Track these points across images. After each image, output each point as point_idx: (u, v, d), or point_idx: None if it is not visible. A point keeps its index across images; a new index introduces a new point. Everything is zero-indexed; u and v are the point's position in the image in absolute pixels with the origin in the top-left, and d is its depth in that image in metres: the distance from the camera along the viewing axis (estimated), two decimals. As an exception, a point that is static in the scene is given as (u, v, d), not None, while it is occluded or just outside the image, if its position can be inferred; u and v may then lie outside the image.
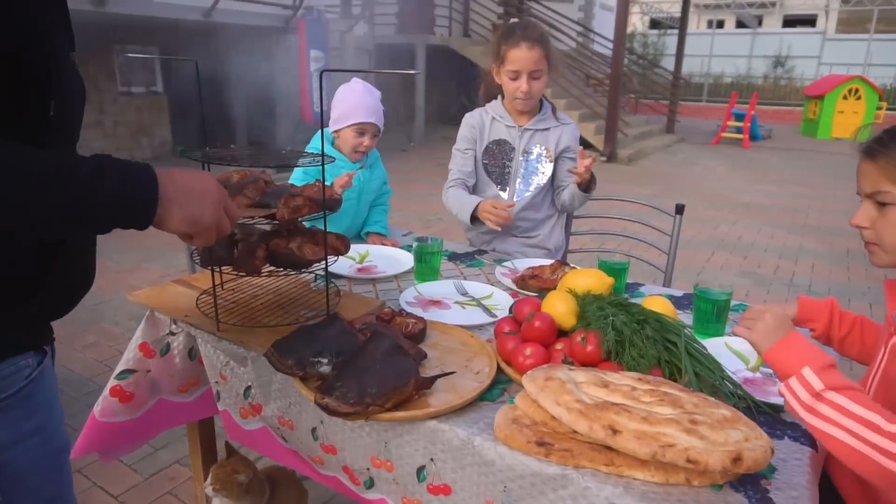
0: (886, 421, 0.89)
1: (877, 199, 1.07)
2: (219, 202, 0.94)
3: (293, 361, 1.19)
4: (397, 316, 1.40)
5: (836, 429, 0.92)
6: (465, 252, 2.11)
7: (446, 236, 2.05)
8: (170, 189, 0.86)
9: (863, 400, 0.93)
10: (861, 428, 0.90)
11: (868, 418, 0.90)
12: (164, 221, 0.87)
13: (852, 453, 0.90)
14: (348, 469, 1.25)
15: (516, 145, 2.18)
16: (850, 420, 0.91)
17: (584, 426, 0.98)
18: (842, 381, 0.96)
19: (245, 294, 1.60)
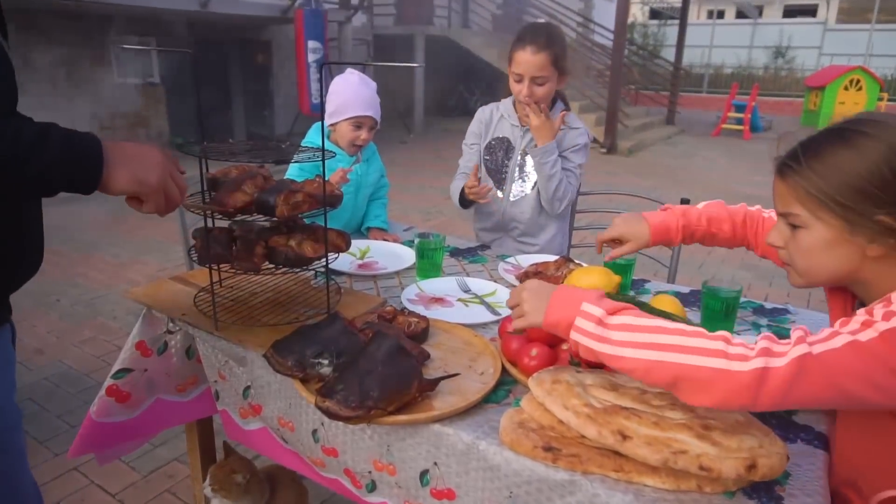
0: (675, 325, 0.91)
1: (788, 220, 1.00)
2: (164, 166, 1.02)
3: (293, 362, 1.16)
4: (399, 315, 1.38)
5: (633, 349, 0.90)
6: (468, 247, 2.08)
7: (447, 229, 2.03)
8: (114, 152, 0.95)
9: (641, 314, 0.95)
10: (658, 337, 0.90)
11: (658, 325, 0.91)
12: (110, 181, 0.95)
13: (661, 367, 0.88)
14: (350, 472, 1.22)
15: (517, 145, 2.14)
16: (645, 334, 0.91)
17: (592, 431, 0.95)
18: (618, 304, 0.97)
19: (244, 291, 1.57)
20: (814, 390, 0.83)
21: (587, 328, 0.95)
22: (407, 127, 11.01)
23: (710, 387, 0.86)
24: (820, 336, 0.86)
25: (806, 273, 1.01)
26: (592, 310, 0.95)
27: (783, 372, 0.83)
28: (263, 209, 1.29)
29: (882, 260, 0.93)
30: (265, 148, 1.55)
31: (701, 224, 1.41)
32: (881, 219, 0.89)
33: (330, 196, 1.38)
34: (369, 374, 1.06)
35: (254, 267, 1.33)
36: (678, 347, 0.88)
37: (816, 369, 0.83)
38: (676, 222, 1.39)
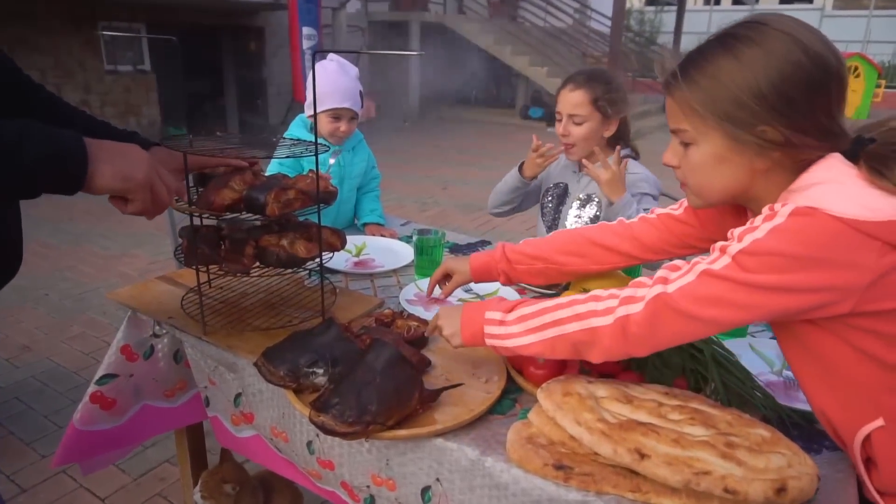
0: (568, 299, 0.97)
1: (679, 137, 0.97)
2: (150, 162, 0.98)
3: (285, 372, 1.09)
4: (398, 318, 1.31)
5: (532, 335, 0.98)
6: (468, 243, 2.01)
7: (443, 220, 1.96)
8: (98, 150, 0.91)
9: (533, 302, 1.02)
10: (548, 315, 0.96)
11: (546, 306, 0.98)
12: (94, 179, 0.91)
13: (558, 341, 0.96)
14: (347, 485, 1.16)
15: (573, 190, 2.01)
16: (537, 318, 0.98)
17: (607, 449, 0.89)
18: (514, 301, 1.05)
19: (234, 293, 1.49)
20: (675, 326, 0.87)
21: (494, 332, 1.03)
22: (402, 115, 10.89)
23: (592, 345, 0.93)
24: (680, 272, 0.88)
25: (699, 191, 0.99)
26: (493, 315, 1.04)
27: (640, 317, 0.88)
28: (253, 207, 1.21)
29: (770, 174, 0.91)
30: (255, 142, 1.47)
31: (534, 265, 1.29)
32: (763, 130, 0.86)
33: (324, 192, 1.31)
34: (367, 385, 0.99)
35: (243, 269, 1.25)
36: (566, 319, 0.95)
37: (671, 306, 0.86)
38: (496, 266, 1.32)
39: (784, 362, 1.28)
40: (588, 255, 1.25)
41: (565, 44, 12.06)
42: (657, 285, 0.88)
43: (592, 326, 0.92)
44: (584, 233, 1.28)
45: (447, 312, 1.13)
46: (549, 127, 10.65)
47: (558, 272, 1.28)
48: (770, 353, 1.32)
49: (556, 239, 1.31)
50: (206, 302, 1.42)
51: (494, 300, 1.08)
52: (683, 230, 1.17)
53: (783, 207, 0.83)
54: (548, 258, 1.28)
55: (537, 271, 1.29)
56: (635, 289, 0.91)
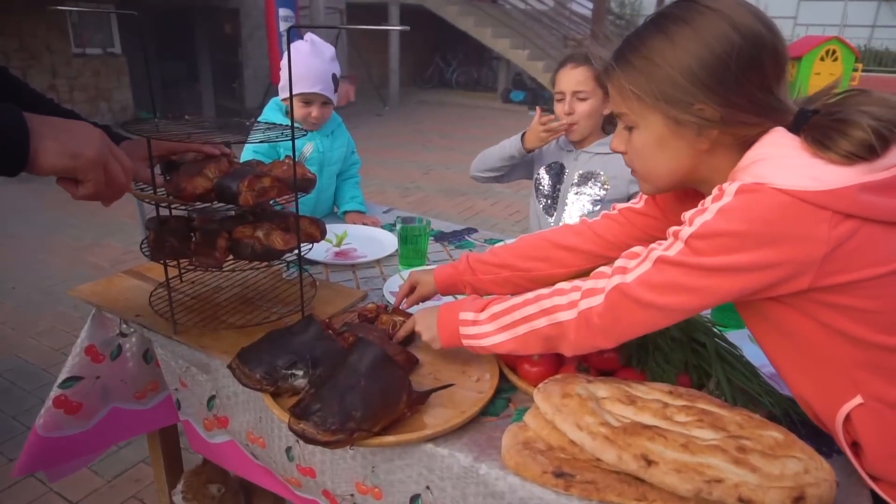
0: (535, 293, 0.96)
1: (622, 121, 0.95)
2: (101, 139, 0.88)
3: (262, 374, 1.01)
4: (382, 313, 1.23)
5: (505, 332, 0.97)
6: (453, 231, 1.93)
7: (426, 206, 1.88)
8: (40, 125, 0.82)
9: (504, 299, 1.00)
10: (518, 312, 0.95)
11: (514, 303, 0.97)
12: (38, 157, 0.82)
13: (530, 337, 0.94)
14: (329, 494, 1.09)
15: (570, 168, 1.93)
16: (507, 315, 0.97)
17: (611, 455, 0.82)
18: (488, 299, 1.03)
19: (207, 287, 1.40)
20: (636, 316, 0.85)
21: (469, 332, 1.01)
22: (382, 99, 10.72)
23: (561, 339, 0.92)
24: (638, 260, 0.87)
25: (646, 176, 0.97)
26: (466, 315, 1.02)
27: (601, 308, 0.86)
28: (225, 196, 1.13)
29: (714, 154, 0.89)
30: (227, 126, 1.37)
31: (499, 273, 1.23)
32: (700, 108, 0.84)
33: (301, 180, 1.22)
34: (351, 389, 0.92)
35: (216, 263, 1.17)
36: (534, 315, 0.94)
37: (629, 296, 0.84)
38: (461, 278, 1.26)
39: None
40: (551, 258, 1.19)
41: (546, 26, 11.93)
42: (616, 276, 0.87)
43: (559, 321, 0.91)
44: (546, 235, 1.22)
45: (424, 315, 1.10)
46: (531, 110, 10.56)
47: (524, 279, 1.21)
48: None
49: (519, 245, 1.24)
50: (177, 298, 1.33)
51: (469, 298, 1.06)
52: (646, 222, 1.12)
53: (730, 186, 0.81)
54: (512, 265, 1.21)
55: (503, 280, 1.22)
56: (596, 280, 0.89)
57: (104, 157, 0.88)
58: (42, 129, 0.82)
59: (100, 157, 0.87)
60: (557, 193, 1.95)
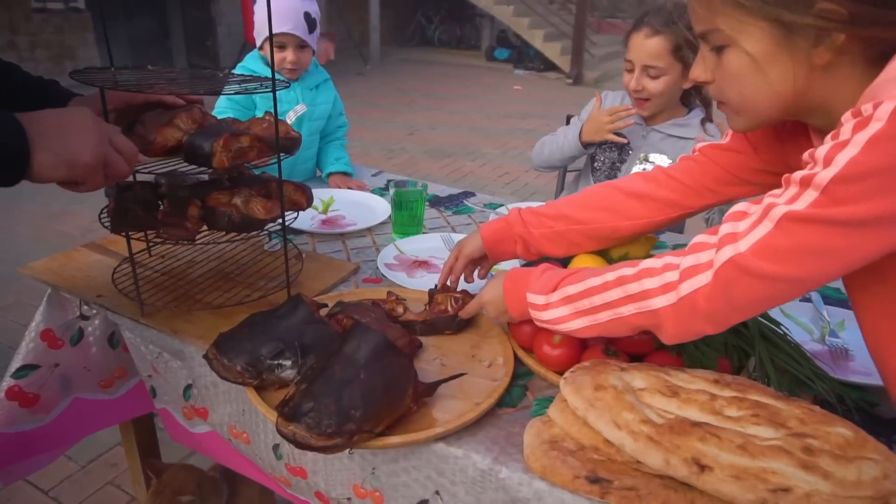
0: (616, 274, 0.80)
1: (710, 42, 0.78)
2: (98, 136, 0.82)
3: (243, 366, 0.87)
4: (436, 293, 1.08)
5: (584, 318, 0.83)
6: (449, 195, 1.78)
7: (412, 168, 1.74)
8: (37, 135, 0.77)
9: (577, 276, 0.85)
10: (598, 297, 0.81)
11: (591, 286, 0.81)
12: (35, 170, 0.78)
13: (617, 324, 0.81)
14: (322, 496, 0.97)
15: (635, 146, 1.71)
16: (585, 300, 0.82)
17: (657, 459, 0.71)
18: (555, 276, 0.88)
19: (179, 261, 1.25)
20: (755, 292, 0.68)
21: (542, 317, 0.88)
22: (363, 57, 10.36)
23: (658, 330, 0.78)
24: (750, 220, 0.68)
25: (742, 107, 0.79)
26: (536, 299, 0.88)
27: (708, 290, 0.70)
28: (196, 157, 0.97)
29: (832, 71, 0.71)
30: (198, 77, 1.20)
31: (553, 226, 1.06)
32: (822, 6, 0.66)
33: (285, 139, 1.06)
34: (348, 384, 0.79)
35: (187, 235, 1.01)
36: (619, 301, 0.79)
37: (747, 270, 0.67)
38: (512, 231, 1.08)
39: (826, 327, 1.12)
40: (616, 208, 1.03)
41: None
42: (726, 247, 0.68)
43: (652, 309, 0.75)
44: (613, 183, 1.07)
45: (490, 294, 0.98)
46: (517, 69, 10.31)
47: (581, 234, 1.05)
48: (805, 318, 1.16)
49: (579, 195, 1.09)
50: (144, 275, 1.18)
51: (535, 272, 0.91)
52: (732, 160, 0.95)
53: (878, 109, 0.60)
54: (569, 217, 1.05)
55: (556, 235, 1.06)
56: (696, 254, 0.71)
57: (101, 158, 0.83)
58: (38, 140, 0.77)
59: (96, 161, 0.82)
60: (617, 173, 1.73)
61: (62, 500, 1.77)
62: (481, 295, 0.99)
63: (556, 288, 0.86)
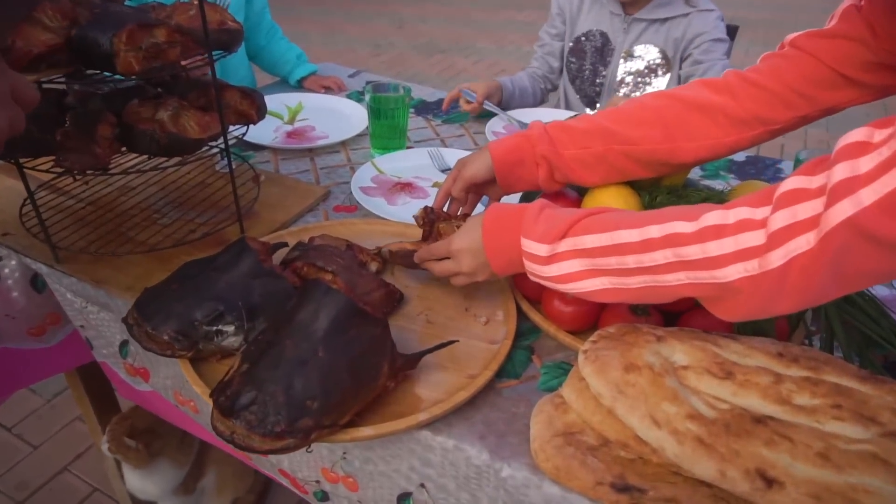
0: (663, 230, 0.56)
1: None
2: None
3: (172, 335, 0.68)
4: (439, 221, 0.83)
5: (609, 279, 0.61)
6: (439, 99, 1.53)
7: (401, 66, 1.50)
8: None
9: (597, 219, 0.63)
10: (641, 258, 0.58)
11: (629, 239, 0.58)
12: None
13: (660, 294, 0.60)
14: (287, 474, 0.81)
15: (617, 43, 1.46)
16: (622, 258, 0.59)
17: (709, 469, 0.54)
18: (563, 220, 0.64)
19: (110, 188, 1.03)
20: (878, 267, 0.47)
21: (543, 273, 0.66)
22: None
23: (721, 303, 0.56)
24: (880, 156, 0.44)
25: None
26: (535, 248, 0.65)
27: (810, 260, 0.48)
28: (92, 59, 0.73)
29: None
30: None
31: (589, 146, 0.81)
32: None
33: (217, 32, 0.82)
34: (303, 365, 0.60)
35: (95, 161, 0.79)
36: (666, 266, 0.56)
37: (871, 236, 0.44)
38: (534, 151, 0.83)
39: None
40: (677, 124, 0.79)
41: None
42: (842, 200, 0.44)
43: (720, 282, 0.53)
44: (671, 92, 0.82)
45: (461, 242, 0.73)
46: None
47: (628, 158, 0.80)
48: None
49: (625, 107, 0.83)
50: (66, 205, 0.97)
51: (531, 212, 0.67)
52: (842, 52, 0.72)
53: None
54: (613, 133, 0.80)
55: (595, 158, 0.81)
56: (791, 208, 0.48)
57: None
58: None
59: None
60: (597, 75, 1.51)
61: (26, 437, 1.65)
62: (451, 241, 0.74)
63: (566, 235, 0.64)
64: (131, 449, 1.14)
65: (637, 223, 0.58)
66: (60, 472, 1.56)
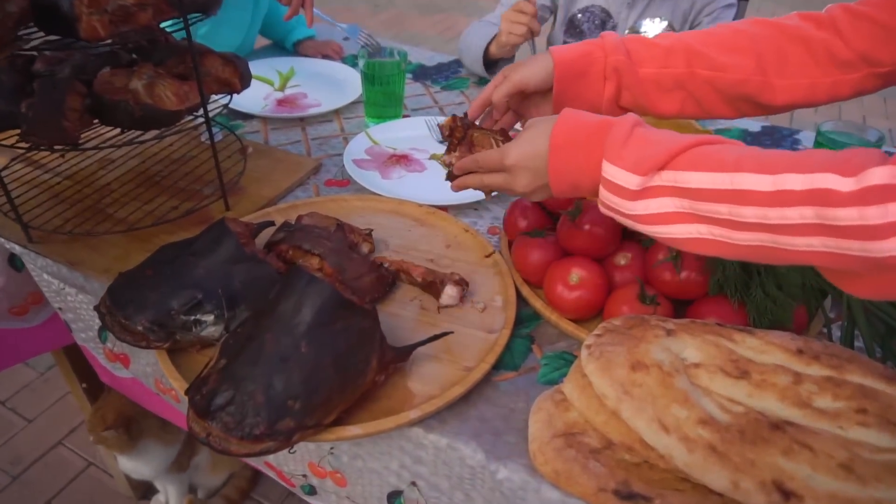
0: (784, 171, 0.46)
1: None
2: None
3: (147, 325, 0.64)
4: (472, 129, 0.72)
5: (711, 228, 0.51)
6: (438, 63, 1.45)
7: (399, 26, 1.43)
8: None
9: (728, 155, 0.50)
10: (765, 212, 0.47)
11: (754, 184, 0.47)
12: None
13: (779, 256, 0.49)
14: (273, 466, 0.78)
15: (619, 19, 1.36)
16: (739, 208, 0.48)
17: (721, 480, 0.50)
18: (665, 145, 0.52)
19: (87, 161, 0.98)
20: None
21: (625, 208, 0.54)
22: None
23: (860, 279, 0.47)
24: None
25: None
26: (622, 177, 0.53)
27: None
28: (53, 23, 0.67)
29: None
30: None
31: (669, 66, 0.71)
32: None
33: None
34: (284, 363, 0.56)
35: (64, 136, 0.73)
36: (802, 228, 0.45)
37: None
38: (605, 61, 0.71)
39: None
40: (773, 56, 0.68)
41: None
42: None
43: (874, 256, 0.42)
44: (770, 21, 0.70)
45: (527, 139, 0.61)
46: None
47: (713, 87, 0.69)
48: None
49: (716, 30, 0.72)
50: (42, 179, 0.92)
51: (618, 129, 0.55)
52: None
53: None
54: (701, 56, 0.69)
55: (675, 81, 0.70)
56: None
57: None
58: None
59: None
60: None
61: (20, 411, 1.63)
62: (506, 152, 0.62)
63: (665, 167, 0.52)
64: (109, 438, 1.11)
65: (769, 167, 0.47)
66: (55, 447, 1.54)
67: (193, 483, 1.36)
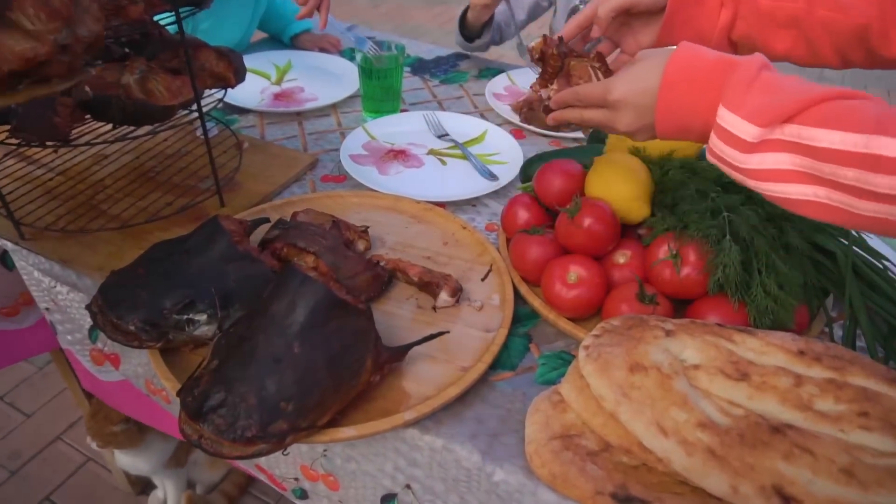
0: None
1: None
2: None
3: (139, 325, 0.63)
4: (571, 56, 0.67)
5: (846, 198, 0.47)
6: (436, 57, 1.44)
7: (400, 18, 1.41)
8: None
9: (872, 111, 0.45)
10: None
11: (875, 150, 0.43)
12: None
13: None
14: (264, 470, 0.77)
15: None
16: (874, 176, 0.44)
17: (720, 484, 0.49)
18: (794, 94, 0.48)
19: (81, 156, 0.97)
20: None
21: (738, 161, 0.51)
22: None
23: None
24: None
25: None
26: (740, 126, 0.49)
27: None
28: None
29: None
30: None
31: (788, 4, 0.64)
32: None
33: (185, -14, 0.74)
34: (277, 364, 0.55)
35: (55, 132, 0.72)
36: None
37: None
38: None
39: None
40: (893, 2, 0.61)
41: None
42: None
43: None
44: None
45: (638, 72, 0.57)
46: None
47: (828, 31, 0.63)
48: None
49: None
50: (34, 175, 0.91)
51: (744, 70, 0.51)
52: None
53: None
54: None
55: (788, 18, 0.64)
56: None
57: None
58: None
59: None
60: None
61: (18, 406, 1.63)
62: (610, 86, 0.58)
63: (791, 119, 0.47)
64: (120, 434, 1.11)
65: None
66: (53, 441, 1.54)
67: (192, 478, 1.36)
